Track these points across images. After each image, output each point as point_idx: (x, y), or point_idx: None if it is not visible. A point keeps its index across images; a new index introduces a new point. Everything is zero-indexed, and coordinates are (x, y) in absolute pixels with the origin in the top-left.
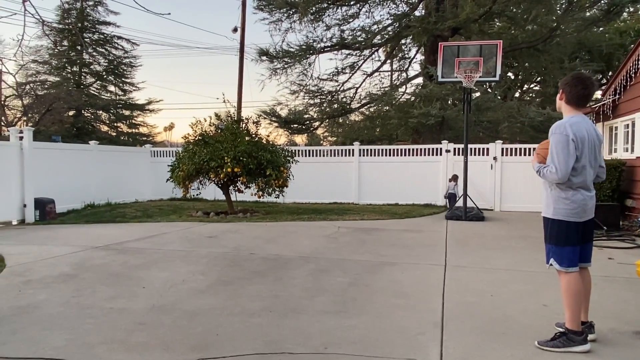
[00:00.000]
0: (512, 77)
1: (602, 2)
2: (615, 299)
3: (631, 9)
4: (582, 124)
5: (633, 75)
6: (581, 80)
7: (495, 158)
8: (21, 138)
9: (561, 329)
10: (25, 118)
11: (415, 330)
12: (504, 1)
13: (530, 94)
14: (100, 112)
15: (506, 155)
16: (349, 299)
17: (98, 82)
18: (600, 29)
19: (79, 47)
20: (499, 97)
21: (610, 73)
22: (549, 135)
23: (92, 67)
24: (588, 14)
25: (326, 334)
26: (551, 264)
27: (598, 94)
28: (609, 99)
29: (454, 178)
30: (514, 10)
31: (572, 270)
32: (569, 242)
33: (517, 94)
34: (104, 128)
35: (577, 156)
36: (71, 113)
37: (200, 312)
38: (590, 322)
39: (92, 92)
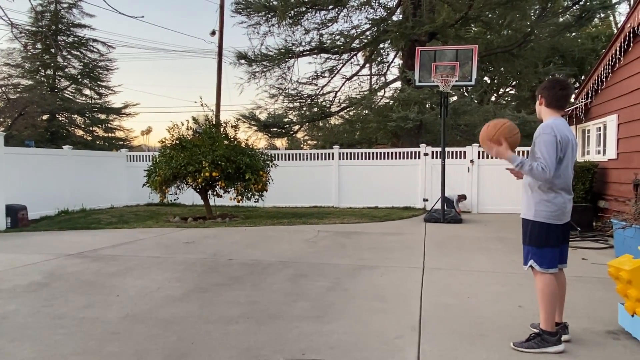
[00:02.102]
0: (488, 81)
1: (574, 8)
2: (589, 299)
3: (602, 15)
4: (564, 127)
5: (604, 79)
6: (558, 82)
7: (472, 161)
8: None
9: (536, 330)
10: None
11: (393, 333)
12: (479, 7)
13: (506, 98)
14: (75, 116)
15: (483, 158)
16: (327, 304)
17: (73, 85)
18: (573, 34)
19: (52, 50)
20: (476, 101)
21: (582, 77)
22: (536, 136)
23: (66, 70)
24: (561, 19)
25: (304, 340)
26: (531, 265)
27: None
28: (582, 102)
29: (463, 197)
30: (490, 15)
31: (552, 272)
32: (549, 243)
33: (493, 98)
34: (79, 132)
35: (560, 158)
36: (45, 117)
37: (176, 321)
38: (565, 323)
39: (67, 95)
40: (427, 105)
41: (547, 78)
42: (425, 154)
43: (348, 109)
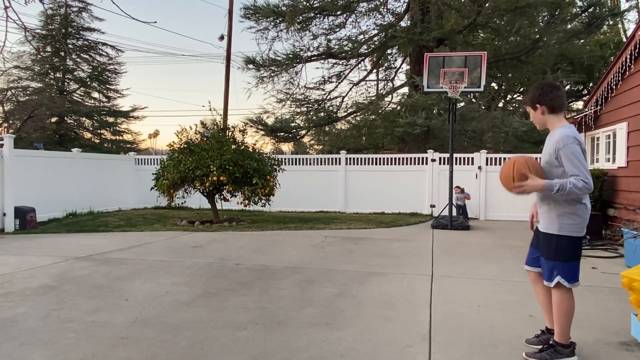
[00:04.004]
0: (496, 88)
1: (583, 15)
2: (600, 309)
3: (611, 22)
4: (578, 134)
5: (614, 87)
6: (551, 86)
7: (480, 167)
8: (1, 145)
9: (538, 346)
10: (6, 125)
11: (404, 342)
12: (487, 13)
13: (514, 104)
14: (84, 119)
15: (490, 164)
16: (336, 311)
17: (82, 88)
18: (582, 41)
19: (62, 53)
20: (483, 107)
21: (591, 84)
22: (558, 148)
23: (75, 73)
24: (569, 26)
25: (314, 347)
26: (558, 282)
27: (580, 105)
28: (591, 109)
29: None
30: (498, 22)
31: (577, 285)
32: (574, 257)
33: (500, 104)
34: (87, 135)
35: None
36: (54, 120)
37: (185, 326)
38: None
39: (76, 98)
40: (434, 111)
41: (533, 87)
42: (433, 160)
43: (355, 114)
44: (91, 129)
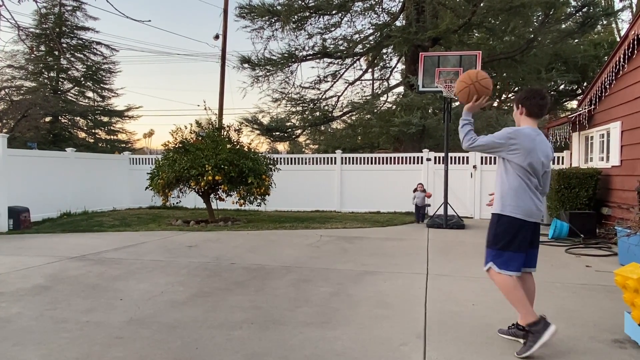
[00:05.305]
0: None
1: (577, 15)
2: (594, 307)
3: (604, 22)
4: (530, 137)
5: (608, 86)
6: (537, 92)
7: (474, 166)
8: None
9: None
10: None
11: (399, 340)
12: (482, 13)
13: (508, 104)
14: (78, 118)
15: (485, 164)
16: (332, 310)
17: (76, 87)
18: (576, 40)
19: (56, 53)
20: None
21: (585, 83)
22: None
23: (69, 72)
24: (564, 26)
25: (309, 346)
26: (489, 267)
27: (574, 104)
28: (585, 109)
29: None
30: (493, 21)
31: (509, 274)
32: (510, 246)
33: (495, 104)
34: (82, 135)
35: (530, 162)
36: (47, 119)
37: (180, 325)
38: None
39: (70, 98)
40: (429, 111)
41: (524, 89)
42: (428, 159)
43: (350, 114)
44: (85, 128)
